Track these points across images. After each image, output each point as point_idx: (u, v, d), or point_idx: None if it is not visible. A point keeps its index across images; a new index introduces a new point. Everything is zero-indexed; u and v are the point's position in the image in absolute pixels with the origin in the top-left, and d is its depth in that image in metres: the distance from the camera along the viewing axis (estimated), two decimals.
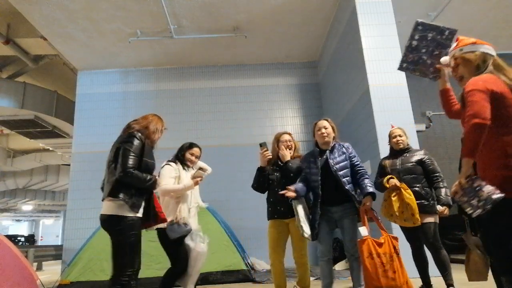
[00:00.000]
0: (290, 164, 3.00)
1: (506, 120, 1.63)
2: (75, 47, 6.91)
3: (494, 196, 1.51)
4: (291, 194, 2.66)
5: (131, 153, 2.25)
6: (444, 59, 1.95)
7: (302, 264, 2.97)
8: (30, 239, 23.65)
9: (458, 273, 2.09)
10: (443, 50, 1.97)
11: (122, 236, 2.19)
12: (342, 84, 6.18)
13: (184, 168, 2.93)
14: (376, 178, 3.23)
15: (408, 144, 3.20)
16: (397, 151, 3.19)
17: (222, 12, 6.13)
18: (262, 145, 3.06)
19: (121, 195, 2.19)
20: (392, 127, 3.32)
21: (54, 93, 9.51)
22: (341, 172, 2.60)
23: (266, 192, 3.15)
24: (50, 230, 33.96)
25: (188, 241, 2.82)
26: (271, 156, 3.08)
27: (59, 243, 21.45)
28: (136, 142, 2.30)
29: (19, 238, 22.23)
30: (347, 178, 2.61)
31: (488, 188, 1.53)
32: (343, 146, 2.74)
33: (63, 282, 4.62)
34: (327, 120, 2.81)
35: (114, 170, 2.27)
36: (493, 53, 1.76)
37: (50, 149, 12.96)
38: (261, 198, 3.26)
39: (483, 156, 1.65)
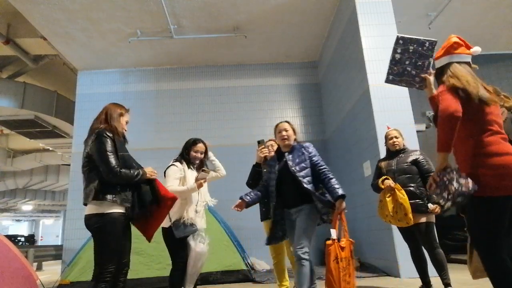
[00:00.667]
0: None
1: (476, 122, 1.72)
2: (75, 47, 6.91)
3: (463, 190, 1.60)
4: (237, 209, 2.66)
5: (108, 152, 2.21)
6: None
7: None
8: (30, 239, 23.69)
9: (459, 273, 2.09)
10: (425, 61, 2.09)
11: (104, 233, 2.18)
12: (342, 84, 6.18)
13: (189, 168, 2.91)
14: (373, 179, 3.26)
15: (404, 145, 3.23)
16: (393, 152, 3.21)
17: (222, 12, 6.13)
18: (260, 142, 3.19)
19: (108, 197, 2.17)
20: (388, 128, 3.35)
21: (54, 93, 9.52)
22: (301, 173, 2.53)
23: None
24: (50, 230, 34.00)
25: (189, 240, 2.82)
26: (267, 154, 3.11)
27: (59, 243, 21.44)
28: (107, 140, 2.26)
29: (19, 238, 22.26)
30: (308, 178, 2.53)
31: (460, 182, 1.62)
32: (303, 146, 2.68)
33: (63, 282, 4.61)
34: (287, 122, 2.78)
35: (90, 175, 2.23)
36: (462, 59, 1.86)
37: (50, 149, 12.97)
38: None
39: (457, 155, 1.74)
